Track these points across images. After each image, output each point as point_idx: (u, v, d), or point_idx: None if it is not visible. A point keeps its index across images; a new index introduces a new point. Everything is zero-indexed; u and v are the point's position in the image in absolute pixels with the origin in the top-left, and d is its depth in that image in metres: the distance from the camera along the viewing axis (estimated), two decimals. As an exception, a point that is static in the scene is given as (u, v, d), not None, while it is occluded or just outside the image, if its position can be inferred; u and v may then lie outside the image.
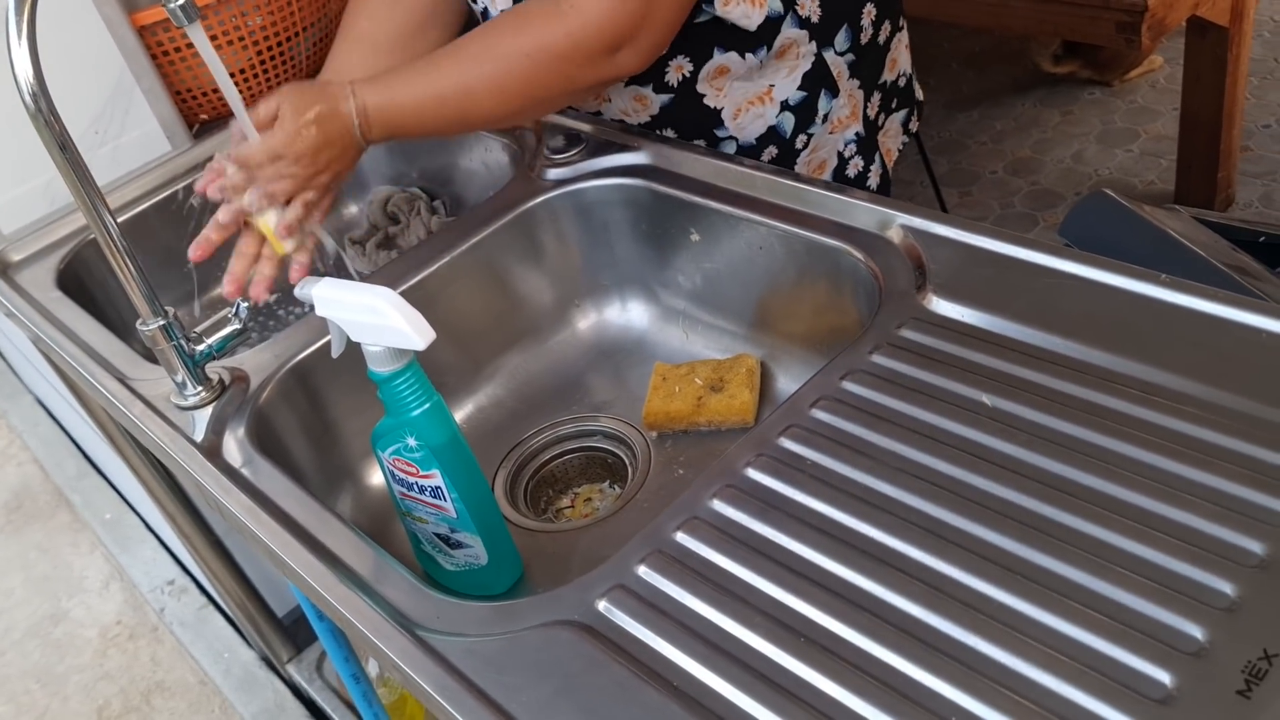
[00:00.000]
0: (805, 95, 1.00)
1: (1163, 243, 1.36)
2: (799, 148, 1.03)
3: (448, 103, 0.90)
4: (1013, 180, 2.41)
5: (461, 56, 0.90)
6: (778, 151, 1.02)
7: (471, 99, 0.90)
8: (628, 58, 0.88)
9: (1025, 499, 0.59)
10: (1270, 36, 2.62)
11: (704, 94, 0.99)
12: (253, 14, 1.20)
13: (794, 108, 1.01)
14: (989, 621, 0.54)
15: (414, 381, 0.68)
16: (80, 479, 2.21)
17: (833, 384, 0.70)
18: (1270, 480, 0.57)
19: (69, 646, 1.90)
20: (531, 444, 0.95)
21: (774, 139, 1.02)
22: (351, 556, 0.68)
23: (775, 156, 1.02)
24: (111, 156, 1.19)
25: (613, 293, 1.05)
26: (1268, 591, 0.52)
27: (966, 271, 0.76)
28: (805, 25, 0.97)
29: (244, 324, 0.85)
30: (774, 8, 0.95)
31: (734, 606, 0.58)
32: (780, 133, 1.01)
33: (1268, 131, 2.33)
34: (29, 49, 0.71)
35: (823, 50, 0.99)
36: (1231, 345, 0.65)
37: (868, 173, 1.08)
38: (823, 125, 1.03)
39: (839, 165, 1.06)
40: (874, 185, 1.09)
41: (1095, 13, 1.71)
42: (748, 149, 1.02)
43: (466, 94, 0.90)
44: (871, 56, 1.05)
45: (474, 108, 0.90)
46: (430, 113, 0.91)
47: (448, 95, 0.90)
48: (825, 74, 1.00)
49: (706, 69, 0.97)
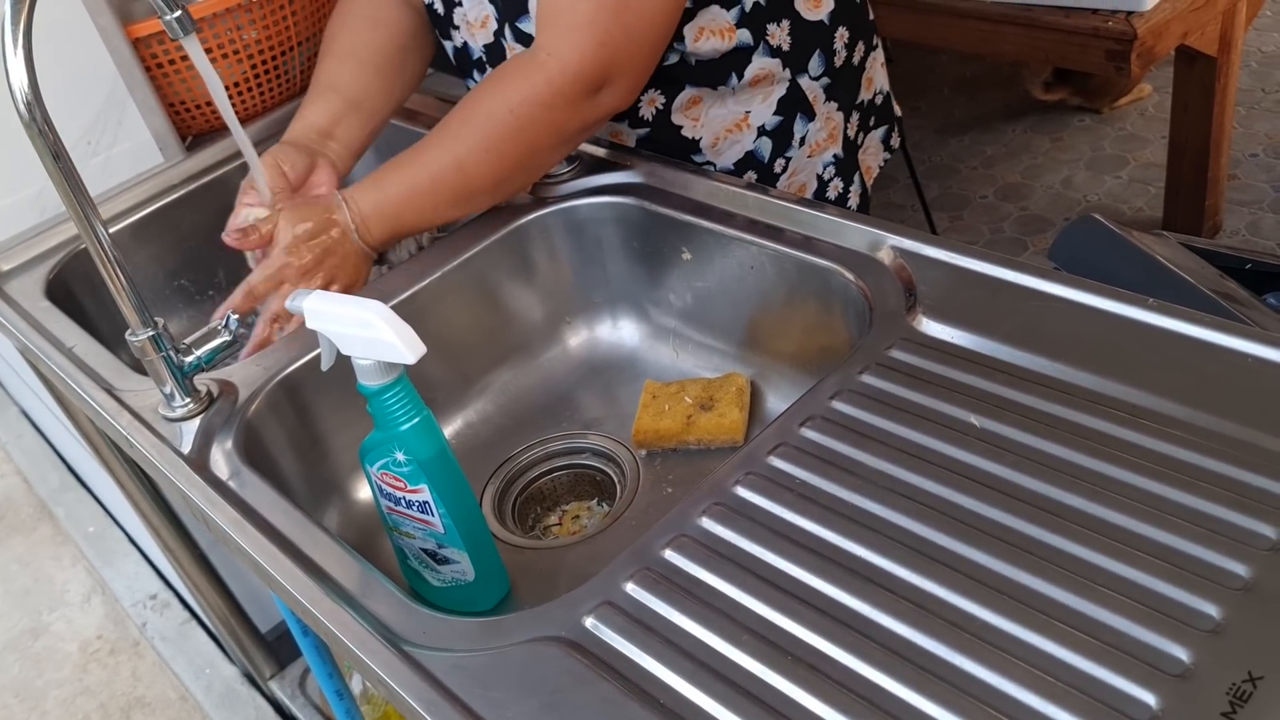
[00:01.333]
0: (781, 120, 1.01)
1: (1151, 268, 1.37)
2: (777, 172, 1.03)
3: (443, 182, 0.91)
4: (1003, 205, 2.43)
5: (447, 131, 0.91)
6: (756, 177, 1.03)
7: (465, 172, 0.90)
8: (609, 97, 0.88)
9: (1012, 519, 0.60)
10: (1258, 67, 2.65)
11: (680, 125, 1.00)
12: (248, 28, 1.20)
13: (770, 133, 1.01)
14: (975, 641, 0.54)
15: (403, 396, 0.68)
16: (64, 491, 2.20)
17: (822, 403, 0.70)
18: (1255, 503, 0.57)
19: (49, 661, 1.88)
20: (520, 460, 0.95)
21: (752, 164, 1.02)
22: (338, 571, 0.68)
23: (754, 181, 1.03)
24: (103, 167, 1.19)
25: (604, 310, 1.05)
26: (1252, 614, 0.52)
27: (956, 293, 0.76)
28: (777, 54, 0.98)
29: (234, 336, 0.85)
30: (743, 39, 0.96)
31: (721, 624, 0.58)
32: (758, 158, 1.02)
33: (1255, 160, 2.35)
34: (24, 58, 0.71)
35: (797, 76, 1.00)
36: (1218, 370, 0.65)
37: (848, 194, 1.09)
38: (800, 149, 1.03)
39: (819, 188, 1.07)
40: (854, 206, 1.10)
41: (1085, 40, 1.72)
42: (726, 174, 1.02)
43: (459, 168, 0.90)
44: (847, 78, 1.06)
45: (470, 180, 0.91)
46: (426, 197, 0.91)
47: (441, 174, 0.90)
48: (800, 99, 1.01)
49: (679, 100, 0.98)
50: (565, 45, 0.85)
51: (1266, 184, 2.28)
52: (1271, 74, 2.62)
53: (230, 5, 1.17)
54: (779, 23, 0.97)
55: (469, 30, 1.03)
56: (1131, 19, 1.66)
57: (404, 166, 0.92)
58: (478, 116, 0.89)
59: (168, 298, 1.23)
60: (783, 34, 0.98)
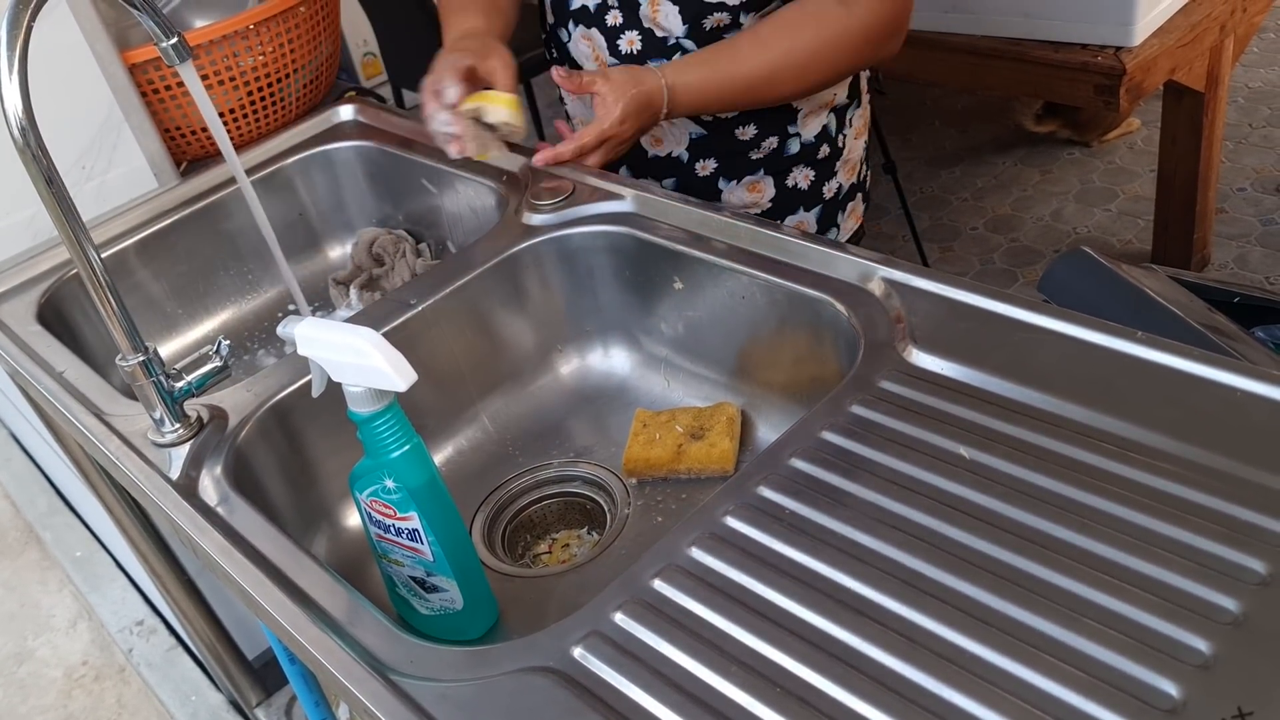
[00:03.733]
0: (848, 102, 1.15)
1: (1140, 301, 1.38)
2: (840, 147, 1.16)
3: (754, 87, 1.02)
4: (993, 236, 2.44)
5: (764, 47, 1.00)
6: (829, 150, 1.15)
7: (773, 83, 1.02)
8: (897, 43, 1.03)
9: (1001, 551, 0.60)
10: (1244, 103, 2.68)
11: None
12: (245, 55, 1.21)
13: (837, 110, 1.14)
14: (963, 673, 0.54)
15: (394, 423, 0.68)
16: (51, 515, 2.19)
17: (812, 434, 0.71)
18: (1244, 538, 0.57)
19: (33, 687, 1.86)
20: (510, 488, 0.95)
21: (826, 138, 1.14)
22: (325, 598, 0.67)
23: (827, 155, 1.15)
24: (98, 191, 1.19)
25: (595, 339, 1.05)
26: (1242, 648, 0.52)
27: (946, 325, 0.77)
28: None
29: (225, 361, 0.85)
30: None
31: (710, 655, 0.58)
32: (829, 132, 1.14)
33: (1242, 194, 2.37)
34: (19, 84, 0.71)
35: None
36: (1206, 403, 0.66)
37: (865, 183, 1.24)
38: (849, 130, 1.16)
39: (860, 169, 1.21)
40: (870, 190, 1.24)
41: (1074, 75, 1.74)
42: (808, 146, 1.13)
43: (770, 79, 1.01)
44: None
45: (775, 89, 1.03)
46: (735, 93, 1.02)
47: (754, 78, 1.01)
48: (856, 83, 1.16)
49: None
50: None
51: (1254, 218, 2.30)
52: (1258, 109, 2.65)
53: (227, 32, 1.18)
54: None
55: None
56: (1120, 54, 1.68)
57: (723, 61, 1.01)
58: (797, 42, 1.00)
59: (159, 323, 1.22)
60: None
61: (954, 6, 1.86)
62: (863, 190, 1.23)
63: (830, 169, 1.16)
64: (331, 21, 1.33)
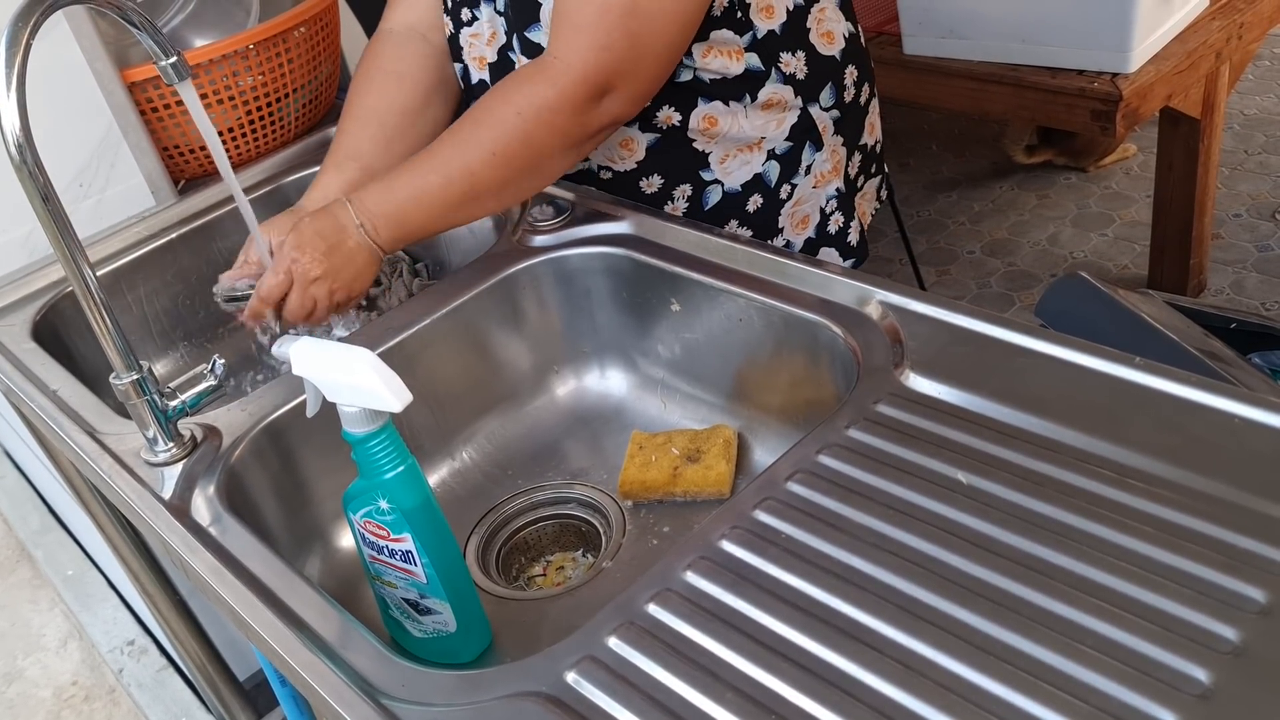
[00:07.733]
0: (791, 146, 1.03)
1: (1136, 326, 1.38)
2: (783, 198, 1.05)
3: (452, 185, 0.91)
4: (990, 261, 2.45)
5: (456, 136, 0.92)
6: (762, 200, 1.04)
7: (473, 176, 0.91)
8: (613, 104, 0.90)
9: (998, 578, 0.59)
10: (1240, 129, 2.69)
11: (693, 139, 1.01)
12: (244, 74, 1.21)
13: (780, 157, 1.03)
14: (960, 701, 0.53)
15: (389, 444, 0.68)
16: (44, 533, 2.17)
17: (809, 457, 0.70)
18: (1243, 565, 0.57)
19: (21, 707, 1.85)
20: (505, 510, 0.94)
21: (759, 186, 1.04)
22: (317, 620, 0.67)
23: (760, 205, 1.04)
24: (95, 209, 1.19)
25: (592, 360, 1.05)
26: (1242, 678, 0.52)
27: (944, 349, 0.76)
28: (790, 82, 1.01)
29: (219, 380, 0.84)
30: (753, 64, 0.98)
31: (705, 681, 0.57)
32: (765, 181, 1.04)
33: (1238, 220, 2.37)
34: (17, 101, 0.71)
35: (808, 105, 1.03)
36: (1203, 429, 0.65)
37: (848, 229, 1.10)
38: (806, 177, 1.05)
39: (821, 220, 1.08)
40: (854, 241, 1.12)
41: (1071, 100, 1.75)
42: (733, 195, 1.03)
43: (468, 172, 0.91)
44: (853, 115, 1.08)
45: (478, 184, 0.91)
46: (435, 200, 0.92)
47: (450, 177, 0.91)
48: (811, 127, 1.03)
49: (695, 118, 1.00)
50: (571, 48, 0.87)
51: (1250, 244, 2.30)
52: (1254, 136, 2.66)
53: (227, 51, 1.18)
54: (794, 53, 1.00)
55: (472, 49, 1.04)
56: (1117, 80, 1.68)
57: (413, 169, 0.93)
58: (487, 120, 0.90)
59: (154, 341, 1.22)
60: (798, 64, 1.00)
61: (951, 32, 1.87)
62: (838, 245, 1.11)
63: (770, 222, 1.05)
64: (331, 42, 1.33)
